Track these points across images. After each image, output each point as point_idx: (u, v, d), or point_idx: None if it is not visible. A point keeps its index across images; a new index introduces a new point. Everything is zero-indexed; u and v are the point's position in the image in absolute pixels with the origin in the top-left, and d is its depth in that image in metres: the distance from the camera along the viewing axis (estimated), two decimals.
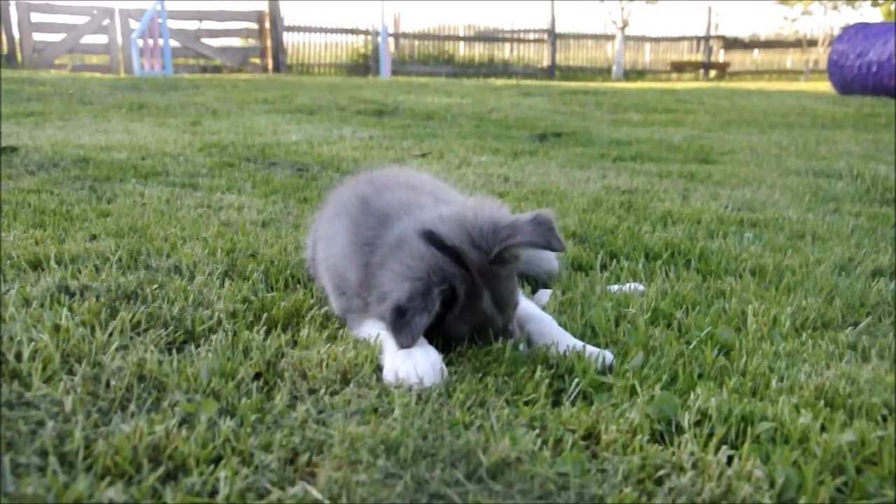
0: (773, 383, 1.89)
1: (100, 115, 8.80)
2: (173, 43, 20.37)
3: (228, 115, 9.34)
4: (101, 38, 21.06)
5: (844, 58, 16.92)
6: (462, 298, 1.92)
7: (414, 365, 1.80)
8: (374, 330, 2.03)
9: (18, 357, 1.80)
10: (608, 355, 1.98)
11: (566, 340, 2.06)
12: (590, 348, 2.01)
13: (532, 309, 2.23)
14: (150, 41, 18.80)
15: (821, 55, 30.41)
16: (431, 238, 1.93)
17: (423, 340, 1.94)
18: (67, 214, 3.49)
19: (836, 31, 29.40)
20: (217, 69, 22.21)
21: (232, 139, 6.84)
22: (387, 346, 1.93)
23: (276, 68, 23.10)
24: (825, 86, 19.43)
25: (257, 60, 23.50)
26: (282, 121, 8.96)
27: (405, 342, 1.81)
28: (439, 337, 1.99)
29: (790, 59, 31.83)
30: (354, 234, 2.10)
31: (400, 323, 1.80)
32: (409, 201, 2.13)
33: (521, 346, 2.02)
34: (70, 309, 2.15)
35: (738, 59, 31.42)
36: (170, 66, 19.11)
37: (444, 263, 1.89)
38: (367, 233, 2.07)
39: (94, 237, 3.08)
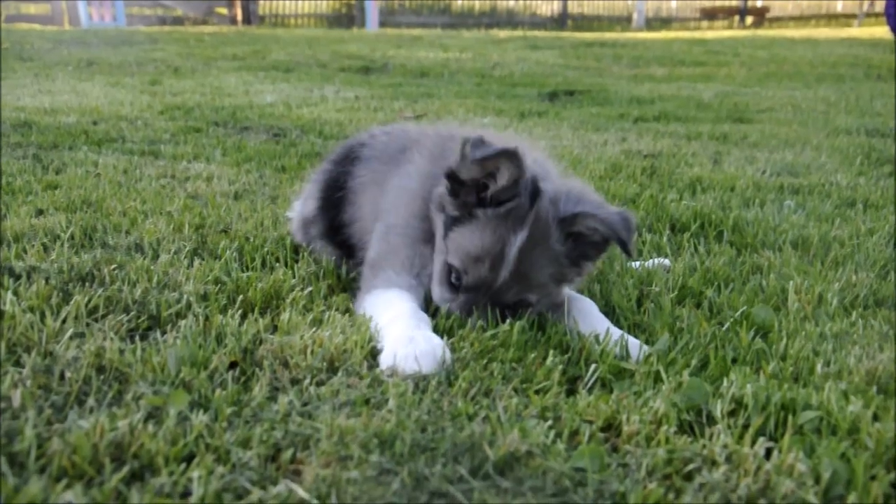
0: (818, 368, 1.91)
1: (42, 74, 8.78)
2: None
3: (193, 74, 9.32)
4: None
5: None
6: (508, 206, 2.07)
7: (414, 350, 1.83)
8: (390, 302, 2.09)
9: None
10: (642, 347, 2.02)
11: (605, 326, 2.10)
12: (631, 341, 2.04)
13: (572, 291, 2.29)
14: None
15: None
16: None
17: (425, 324, 2.00)
18: (8, 187, 3.49)
19: None
20: (178, 21, 22.08)
21: (197, 101, 6.84)
22: (390, 328, 1.96)
23: (247, 19, 22.97)
24: (882, 30, 19.32)
25: (224, 10, 23.36)
26: (254, 80, 8.94)
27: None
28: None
29: (841, 1, 31.66)
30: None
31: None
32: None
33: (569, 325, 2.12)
34: (15, 293, 2.16)
35: (779, 3, 31.25)
36: (122, 17, 19.02)
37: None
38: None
39: (40, 212, 3.09)
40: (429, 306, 2.19)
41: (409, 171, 2.39)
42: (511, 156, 2.02)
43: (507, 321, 2.08)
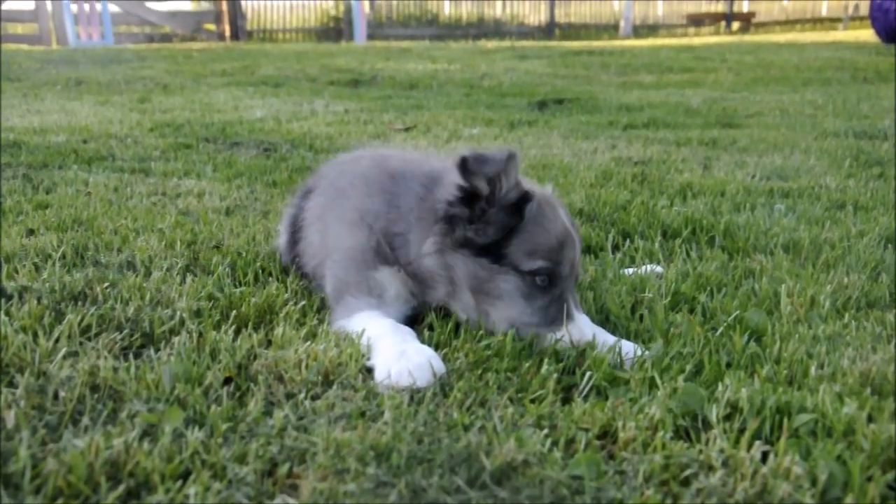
0: (812, 370, 1.92)
1: (31, 94, 8.77)
2: (113, 8, 20.25)
3: (182, 91, 9.32)
4: (28, 4, 20.83)
5: (890, 0, 16.89)
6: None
7: (408, 364, 1.83)
8: (365, 324, 2.07)
9: None
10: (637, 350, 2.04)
11: (602, 337, 2.11)
12: (625, 344, 2.06)
13: None
14: (86, 6, 18.71)
15: None
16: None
17: (412, 336, 2.01)
18: None
19: None
20: (166, 38, 22.09)
21: (187, 117, 6.84)
22: (378, 345, 1.96)
23: (235, 35, 22.99)
24: (867, 34, 19.46)
25: (212, 27, 23.38)
26: (244, 95, 8.96)
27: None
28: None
29: (826, 5, 31.84)
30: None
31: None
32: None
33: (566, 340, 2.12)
34: (7, 313, 2.15)
35: (765, 8, 31.42)
36: (110, 36, 19.03)
37: None
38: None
39: (31, 232, 3.08)
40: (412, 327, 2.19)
41: (346, 206, 2.41)
42: (513, 156, 2.08)
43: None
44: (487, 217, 2.11)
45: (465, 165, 2.06)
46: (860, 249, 2.95)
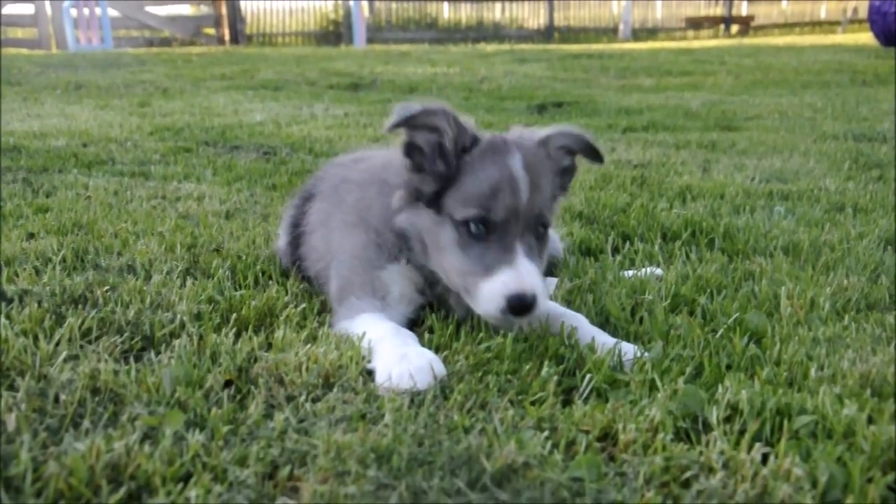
0: (812, 372, 1.92)
1: (30, 98, 8.77)
2: (112, 12, 20.25)
3: (181, 94, 9.33)
4: (27, 8, 20.83)
5: (888, 3, 16.92)
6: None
7: (409, 367, 1.84)
8: (367, 326, 2.08)
9: None
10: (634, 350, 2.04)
11: (601, 339, 2.10)
12: (625, 345, 2.06)
13: (560, 308, 2.30)
14: (86, 10, 18.72)
15: (860, 2, 30.36)
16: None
17: (413, 339, 2.02)
18: None
19: None
20: (165, 42, 22.10)
21: (187, 121, 6.84)
22: (379, 348, 1.97)
23: (234, 39, 23.02)
24: (866, 37, 19.51)
25: (212, 31, 23.40)
26: (243, 99, 8.96)
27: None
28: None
29: (825, 8, 31.89)
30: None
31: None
32: None
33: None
34: (8, 317, 2.16)
35: (764, 11, 31.48)
36: (109, 40, 19.03)
37: None
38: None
39: (31, 236, 3.08)
40: (413, 329, 2.20)
41: (346, 207, 2.43)
42: (428, 109, 2.10)
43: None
44: (429, 168, 2.14)
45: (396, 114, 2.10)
46: (860, 251, 2.96)
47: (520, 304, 1.98)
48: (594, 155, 2.33)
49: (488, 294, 2.01)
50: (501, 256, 2.03)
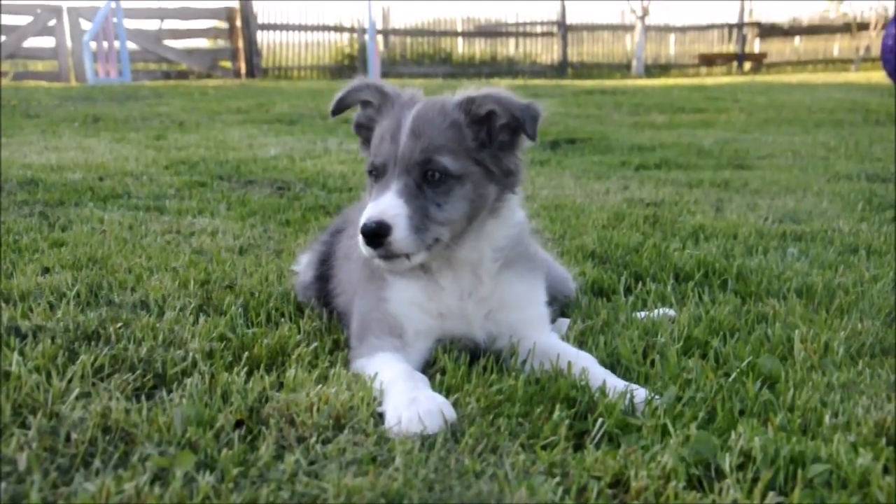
0: (827, 419, 1.90)
1: (49, 130, 8.87)
2: (131, 46, 20.54)
3: (197, 128, 9.41)
4: (48, 41, 21.11)
5: None
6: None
7: (419, 410, 1.83)
8: (381, 367, 2.08)
9: None
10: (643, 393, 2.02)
11: (612, 382, 2.09)
12: (635, 388, 2.04)
13: (570, 348, 2.30)
14: (105, 44, 18.94)
15: (873, 40, 30.26)
16: None
17: (424, 383, 2.02)
18: (15, 245, 3.52)
19: (891, 12, 29.29)
20: (182, 75, 22.37)
21: (202, 155, 6.89)
22: (390, 391, 1.97)
23: (250, 72, 23.27)
24: (879, 75, 19.52)
25: (228, 64, 23.67)
26: (258, 133, 9.03)
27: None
28: None
29: (837, 46, 31.92)
30: None
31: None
32: None
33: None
34: (21, 353, 2.17)
35: (777, 49, 31.59)
36: (128, 73, 19.26)
37: None
38: None
39: (46, 270, 3.11)
40: (425, 370, 2.21)
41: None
42: (361, 84, 2.42)
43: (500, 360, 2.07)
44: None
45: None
46: (874, 294, 2.94)
47: (366, 232, 2.08)
48: (520, 125, 2.24)
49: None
50: (376, 196, 2.16)
